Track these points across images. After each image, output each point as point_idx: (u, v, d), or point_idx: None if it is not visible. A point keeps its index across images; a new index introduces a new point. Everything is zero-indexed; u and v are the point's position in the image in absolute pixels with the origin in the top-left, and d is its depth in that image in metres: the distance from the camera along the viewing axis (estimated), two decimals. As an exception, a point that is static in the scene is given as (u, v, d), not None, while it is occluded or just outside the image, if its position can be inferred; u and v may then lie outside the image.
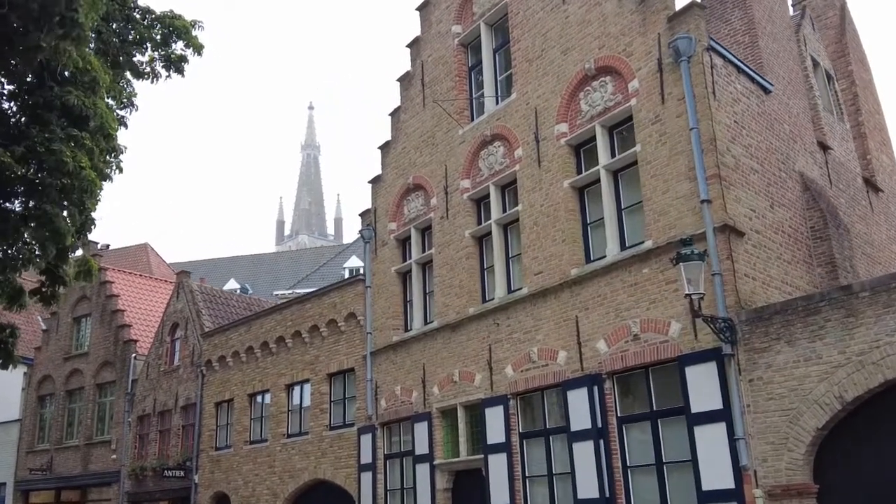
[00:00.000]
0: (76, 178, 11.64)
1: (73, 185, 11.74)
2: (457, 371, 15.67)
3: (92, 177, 11.94)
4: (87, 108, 11.72)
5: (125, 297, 29.54)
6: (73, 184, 11.72)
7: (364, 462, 17.78)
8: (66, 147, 11.31)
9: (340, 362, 19.26)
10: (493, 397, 14.67)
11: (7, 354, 13.46)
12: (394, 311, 17.97)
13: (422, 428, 16.30)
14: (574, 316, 13.32)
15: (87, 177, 11.83)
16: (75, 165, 11.37)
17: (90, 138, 11.90)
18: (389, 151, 19.09)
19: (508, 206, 15.57)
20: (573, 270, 13.52)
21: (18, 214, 12.47)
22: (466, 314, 15.67)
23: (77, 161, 11.45)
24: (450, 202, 16.72)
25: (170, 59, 13.88)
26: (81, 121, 11.86)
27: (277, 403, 20.93)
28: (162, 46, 13.97)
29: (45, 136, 11.37)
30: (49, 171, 11.49)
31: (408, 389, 16.98)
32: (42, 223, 11.71)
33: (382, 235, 18.77)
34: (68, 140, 11.51)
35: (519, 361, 14.28)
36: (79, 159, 11.51)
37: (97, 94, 12.13)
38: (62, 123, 11.68)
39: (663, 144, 12.45)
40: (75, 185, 11.79)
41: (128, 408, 26.84)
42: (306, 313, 20.49)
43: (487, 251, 15.95)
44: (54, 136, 11.45)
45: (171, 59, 13.87)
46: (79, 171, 11.52)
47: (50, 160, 11.18)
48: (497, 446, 14.35)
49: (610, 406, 12.57)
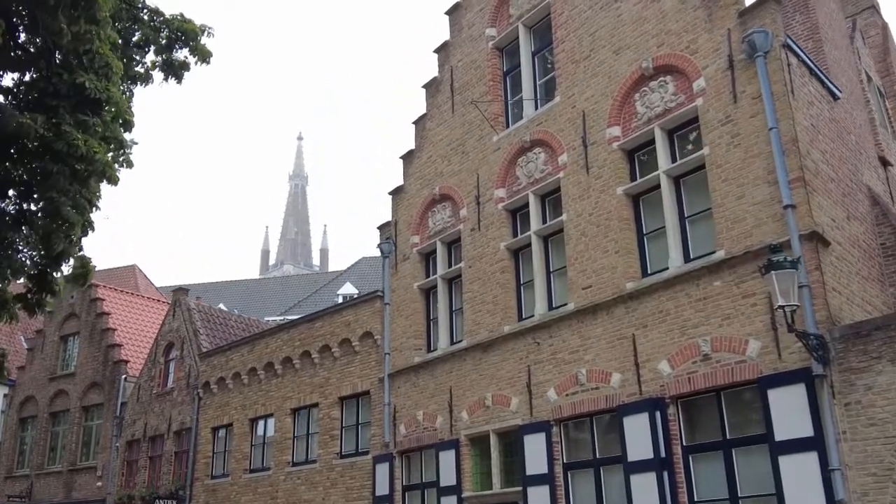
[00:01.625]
0: (90, 162, 10.43)
1: (85, 172, 10.53)
2: (489, 395, 14.37)
3: (107, 160, 10.74)
4: (100, 91, 10.56)
5: (116, 315, 28.02)
6: (87, 169, 10.50)
7: (380, 494, 16.34)
8: (76, 132, 10.18)
9: (354, 385, 17.89)
10: (532, 423, 13.37)
11: None
12: (415, 330, 16.69)
13: (448, 457, 14.94)
14: (630, 334, 12.12)
15: (101, 160, 10.63)
16: (88, 150, 10.20)
17: (102, 125, 10.75)
18: (413, 161, 17.95)
19: (549, 216, 14.42)
20: (629, 284, 12.35)
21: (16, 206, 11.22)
22: (501, 333, 14.42)
23: (90, 146, 10.31)
24: (482, 213, 15.55)
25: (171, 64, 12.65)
26: (95, 105, 10.72)
27: (282, 429, 19.47)
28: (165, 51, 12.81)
29: (53, 122, 10.25)
30: (57, 155, 10.31)
31: (431, 415, 15.64)
32: (49, 213, 10.47)
33: (404, 249, 17.54)
34: (78, 126, 10.37)
35: (564, 384, 13.02)
36: (91, 144, 10.37)
37: (110, 80, 10.98)
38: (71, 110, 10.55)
39: (736, 146, 11.38)
40: (88, 171, 10.57)
41: (116, 432, 25.20)
42: (316, 332, 19.14)
43: (525, 265, 14.76)
44: (63, 120, 10.32)
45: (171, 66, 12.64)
46: (92, 155, 10.32)
47: (59, 144, 9.97)
48: (538, 478, 13.02)
49: (674, 434, 11.32)
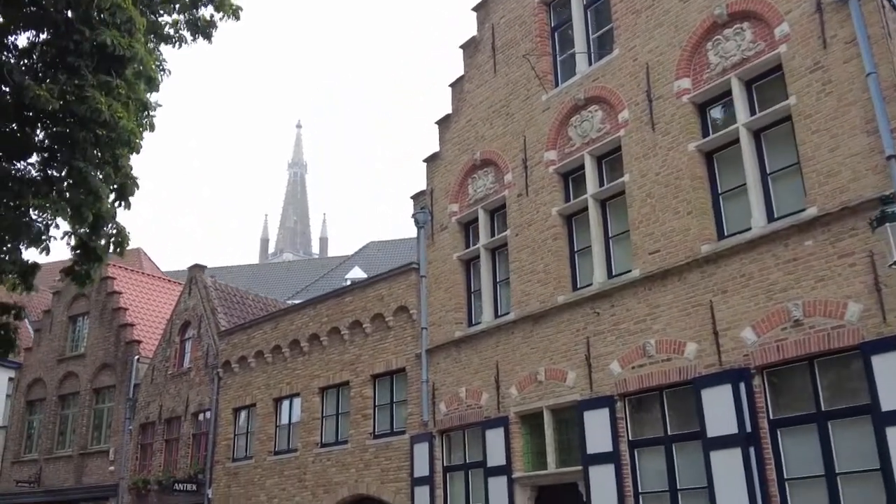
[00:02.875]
0: (112, 129, 9.65)
1: (108, 138, 9.72)
2: (542, 369, 13.47)
3: (130, 127, 9.99)
4: (123, 48, 9.68)
5: (127, 295, 27.03)
6: (110, 136, 9.70)
7: (419, 475, 15.45)
8: (99, 95, 9.31)
9: (388, 362, 16.97)
10: (593, 399, 12.48)
11: (7, 342, 11.15)
12: (456, 304, 15.76)
13: (496, 435, 14.04)
14: (707, 300, 11.20)
15: (124, 128, 9.87)
16: (111, 115, 9.41)
17: (125, 87, 9.89)
18: (450, 126, 16.97)
19: (607, 178, 13.48)
20: (704, 247, 11.42)
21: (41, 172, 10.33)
22: (554, 303, 13.50)
23: (113, 111, 9.49)
24: (530, 178, 14.60)
25: (196, 24, 11.75)
26: (117, 62, 9.85)
27: (309, 409, 18.56)
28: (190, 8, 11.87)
29: (75, 83, 9.41)
30: (80, 121, 9.50)
31: (476, 391, 14.73)
32: (76, 182, 9.63)
33: (441, 219, 16.59)
34: (101, 88, 9.51)
35: (629, 356, 12.11)
36: (115, 109, 9.56)
37: (133, 36, 10.05)
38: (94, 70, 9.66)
39: (828, 95, 10.44)
40: (112, 138, 9.78)
41: (129, 415, 24.26)
42: (346, 308, 18.20)
43: (579, 231, 13.83)
44: (85, 82, 9.46)
45: (198, 25, 11.74)
46: (115, 121, 9.53)
47: (81, 109, 9.18)
48: (600, 457, 12.13)
49: (760, 406, 10.42)
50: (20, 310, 11.24)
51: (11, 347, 11.21)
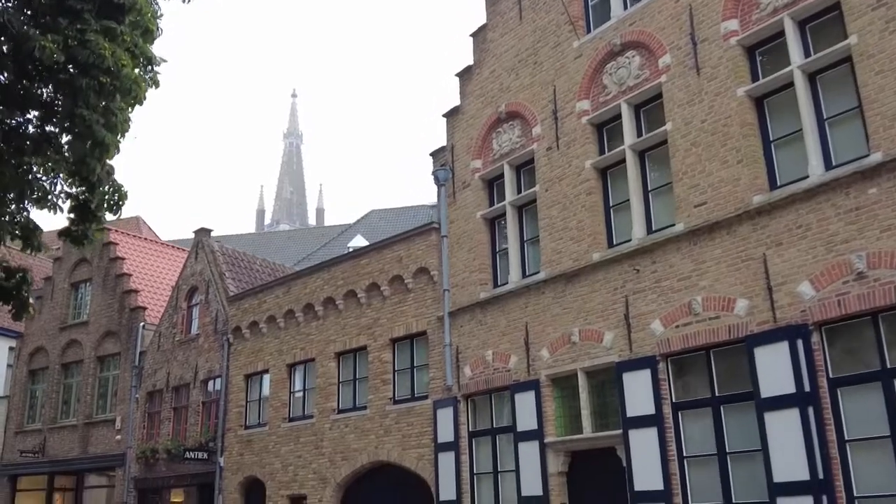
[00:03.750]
0: (116, 77, 9.02)
1: (112, 87, 9.08)
2: (576, 330, 12.86)
3: (134, 76, 9.36)
4: None
5: (131, 261, 26.31)
6: (113, 84, 9.06)
7: (443, 441, 14.92)
8: (102, 40, 8.64)
9: (408, 325, 16.35)
10: (633, 360, 11.88)
11: (22, 304, 10.52)
12: (480, 264, 15.12)
13: (526, 399, 13.47)
14: (760, 254, 10.56)
15: (128, 76, 9.23)
16: (115, 62, 8.77)
17: (129, 33, 9.23)
18: (472, 78, 16.20)
19: (646, 127, 12.77)
20: (756, 198, 10.75)
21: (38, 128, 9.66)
22: (589, 261, 12.86)
23: (117, 58, 8.85)
24: (561, 130, 13.88)
25: None
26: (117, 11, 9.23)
27: (325, 374, 17.97)
28: None
29: (77, 28, 8.82)
30: (83, 68, 8.85)
31: (503, 354, 14.14)
32: (80, 133, 9.00)
33: (463, 176, 15.88)
34: (104, 34, 8.86)
35: (672, 315, 11.50)
36: (118, 56, 8.91)
37: None
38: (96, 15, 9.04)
39: (892, 33, 9.71)
40: (115, 87, 9.14)
41: (135, 383, 23.67)
42: (362, 270, 17.54)
43: (615, 185, 13.15)
44: (88, 27, 8.83)
45: None
46: (118, 69, 8.90)
47: (85, 55, 8.62)
48: (642, 420, 11.57)
49: (819, 364, 9.82)
50: (25, 272, 10.60)
51: (25, 310, 10.60)
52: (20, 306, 10.49)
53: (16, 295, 10.46)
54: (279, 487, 18.28)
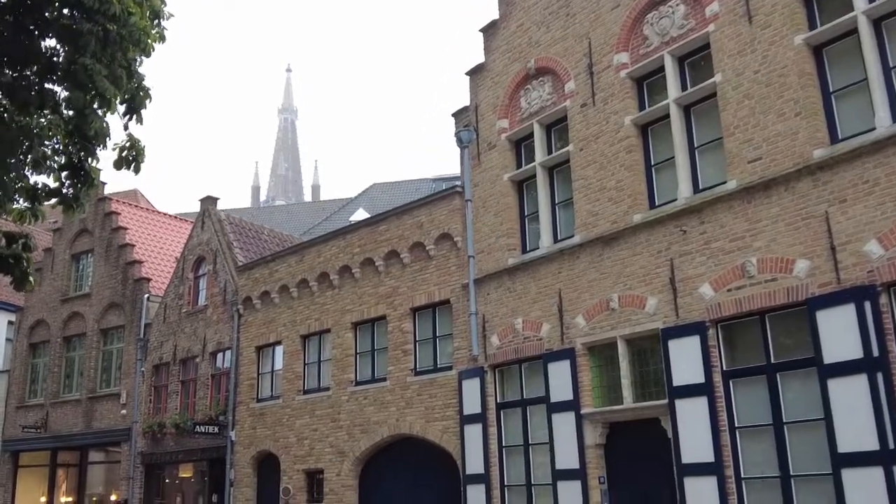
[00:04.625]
0: (123, 25, 8.26)
1: (118, 36, 8.30)
2: (615, 295, 12.21)
3: (143, 25, 8.59)
4: None
5: (133, 231, 25.55)
6: (120, 33, 8.29)
7: (469, 412, 14.31)
8: None
9: (430, 294, 15.69)
10: (679, 326, 11.24)
11: (23, 274, 9.76)
12: (507, 229, 14.43)
13: (560, 369, 12.85)
14: (822, 212, 9.89)
15: (136, 25, 8.47)
16: (122, 9, 8.03)
17: None
18: (497, 33, 15.40)
19: (691, 80, 12.04)
20: (817, 152, 10.06)
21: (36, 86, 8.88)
22: (629, 223, 12.18)
23: (124, 4, 8.09)
24: (597, 85, 13.14)
25: None
26: None
27: (342, 345, 17.32)
28: None
29: None
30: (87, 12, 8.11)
31: (534, 322, 13.50)
32: (79, 83, 8.22)
33: (488, 137, 15.14)
34: None
35: (724, 278, 10.84)
36: (126, 2, 8.15)
37: None
38: None
39: (973, -30, 8.99)
40: (122, 35, 8.36)
41: (140, 356, 23.01)
42: (380, 237, 16.84)
43: (657, 142, 12.44)
44: None
45: None
46: (126, 16, 8.14)
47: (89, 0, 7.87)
48: (690, 389, 10.95)
49: (888, 329, 9.19)
50: (27, 238, 9.83)
51: (26, 280, 9.86)
52: (21, 277, 9.77)
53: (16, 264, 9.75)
54: (294, 461, 17.69)
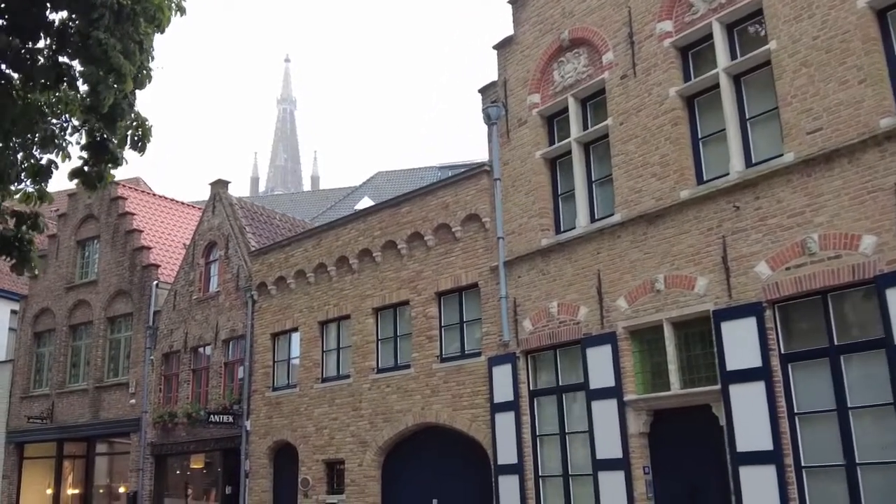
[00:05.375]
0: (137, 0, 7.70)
1: (132, 10, 7.72)
2: (661, 276, 11.60)
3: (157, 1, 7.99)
4: None
5: (141, 216, 24.89)
6: (134, 8, 7.71)
7: (500, 400, 13.72)
8: None
9: (456, 277, 15.07)
10: (733, 307, 10.64)
11: (23, 257, 9.18)
12: (540, 208, 13.81)
13: (600, 354, 12.26)
14: (891, 184, 9.29)
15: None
16: None
17: None
18: (527, 4, 14.73)
19: (741, 48, 11.40)
20: (883, 121, 9.45)
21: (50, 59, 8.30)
22: (675, 199, 11.57)
23: None
24: (638, 55, 12.50)
25: None
26: None
27: (362, 332, 16.71)
28: None
29: None
30: None
31: (570, 305, 12.90)
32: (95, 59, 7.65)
33: (518, 112, 14.50)
34: None
35: (782, 255, 10.23)
36: None
37: None
38: None
39: None
40: (135, 10, 7.77)
41: (149, 344, 22.39)
42: (402, 219, 16.22)
43: (704, 114, 11.81)
44: None
45: None
46: None
47: None
48: (745, 374, 10.36)
49: (970, 307, 8.60)
50: (36, 218, 9.22)
51: (28, 263, 9.25)
52: (21, 259, 9.17)
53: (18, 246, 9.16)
54: (313, 452, 17.10)
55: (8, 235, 9.19)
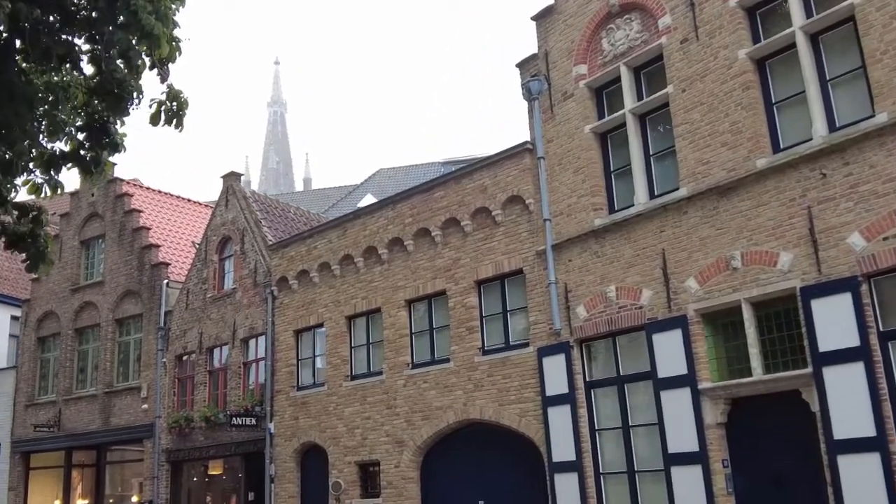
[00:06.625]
0: None
1: None
2: (737, 253, 10.71)
3: None
4: None
5: (148, 214, 23.87)
6: None
7: (553, 393, 12.81)
8: None
9: (498, 264, 14.16)
10: (824, 283, 9.76)
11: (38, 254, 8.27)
12: (591, 187, 12.91)
13: (669, 340, 11.36)
14: None
15: None
16: None
17: None
18: (569, -28, 13.83)
19: (817, 6, 10.52)
20: None
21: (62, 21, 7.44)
22: (751, 169, 10.68)
23: None
24: (699, 17, 11.61)
25: None
26: None
27: (395, 325, 15.77)
28: None
29: None
30: None
31: (631, 289, 12.00)
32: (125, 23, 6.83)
33: (563, 85, 13.60)
34: None
35: (877, 225, 9.37)
36: None
37: None
38: None
39: None
40: None
41: (161, 346, 21.37)
42: (435, 204, 15.29)
43: (777, 78, 10.93)
44: None
45: None
46: None
47: None
48: (840, 354, 9.49)
49: None
50: (41, 212, 8.33)
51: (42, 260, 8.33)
52: (35, 256, 8.25)
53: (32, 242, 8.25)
54: (345, 453, 16.15)
55: (21, 231, 8.29)
